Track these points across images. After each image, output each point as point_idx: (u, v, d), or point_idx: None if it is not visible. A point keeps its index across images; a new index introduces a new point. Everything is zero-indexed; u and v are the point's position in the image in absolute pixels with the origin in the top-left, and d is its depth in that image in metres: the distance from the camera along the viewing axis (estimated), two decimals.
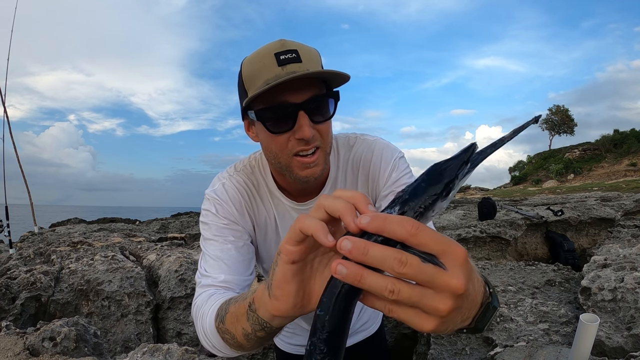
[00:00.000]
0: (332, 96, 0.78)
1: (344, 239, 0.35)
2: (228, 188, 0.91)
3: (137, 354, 1.22)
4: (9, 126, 4.37)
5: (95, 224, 6.15)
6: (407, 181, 0.88)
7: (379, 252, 0.34)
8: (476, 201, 6.22)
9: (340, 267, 0.35)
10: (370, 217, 0.35)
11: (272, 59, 0.73)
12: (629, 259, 1.98)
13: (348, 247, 0.34)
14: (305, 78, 0.73)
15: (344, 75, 0.75)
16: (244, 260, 0.85)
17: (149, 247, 3.19)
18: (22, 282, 2.13)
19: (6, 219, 3.72)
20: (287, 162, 0.79)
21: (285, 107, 0.74)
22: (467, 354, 1.73)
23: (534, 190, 29.31)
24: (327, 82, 0.78)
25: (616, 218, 4.18)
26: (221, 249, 0.85)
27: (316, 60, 0.77)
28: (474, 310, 0.43)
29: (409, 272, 0.34)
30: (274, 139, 0.77)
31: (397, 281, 0.35)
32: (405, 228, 0.34)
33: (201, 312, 0.73)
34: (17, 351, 1.32)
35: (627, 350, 1.41)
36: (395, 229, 0.34)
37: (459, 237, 3.68)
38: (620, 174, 33.94)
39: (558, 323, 1.69)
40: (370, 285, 0.35)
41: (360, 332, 1.32)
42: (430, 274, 0.34)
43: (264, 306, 0.51)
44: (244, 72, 0.77)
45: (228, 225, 0.87)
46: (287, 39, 0.77)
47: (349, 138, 0.95)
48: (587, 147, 43.43)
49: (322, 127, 0.77)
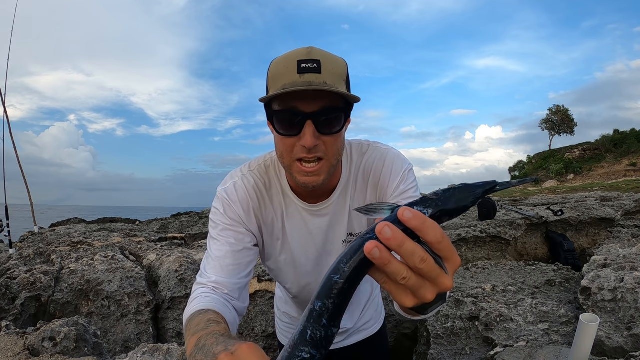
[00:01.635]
0: (345, 111, 0.80)
1: (385, 225, 0.39)
2: (238, 188, 0.94)
3: (137, 354, 1.22)
4: (9, 126, 4.37)
5: (95, 224, 6.15)
6: (412, 195, 0.92)
7: (411, 248, 0.40)
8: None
9: (375, 250, 0.39)
10: (413, 214, 0.40)
11: (294, 66, 0.76)
12: (629, 259, 1.98)
13: (388, 235, 0.39)
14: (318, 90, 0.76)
15: (354, 97, 0.78)
16: (239, 264, 0.90)
17: (149, 247, 3.19)
18: (22, 282, 2.13)
19: (6, 219, 3.72)
20: (289, 164, 0.83)
21: (295, 113, 0.77)
22: (467, 354, 1.73)
23: (534, 190, 29.30)
24: (345, 98, 0.80)
25: (616, 218, 4.18)
26: (220, 249, 0.89)
27: (339, 73, 0.79)
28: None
29: (424, 268, 0.41)
30: (282, 140, 0.81)
31: (410, 270, 0.41)
32: (436, 234, 0.40)
33: (188, 307, 0.80)
34: (17, 351, 1.32)
35: (627, 350, 1.41)
36: (429, 233, 0.40)
37: (459, 237, 3.68)
38: (620, 174, 33.94)
39: (558, 323, 1.69)
40: (392, 270, 0.41)
41: (362, 332, 1.32)
42: (437, 274, 0.42)
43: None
44: (270, 71, 0.81)
45: (232, 226, 0.92)
46: (315, 47, 0.80)
47: (362, 145, 0.99)
48: (587, 147, 43.41)
49: (328, 139, 0.80)
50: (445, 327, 1.86)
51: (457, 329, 1.82)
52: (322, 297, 0.42)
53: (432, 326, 1.90)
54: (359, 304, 1.26)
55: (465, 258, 3.67)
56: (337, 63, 0.80)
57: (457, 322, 1.85)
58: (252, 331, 2.58)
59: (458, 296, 2.00)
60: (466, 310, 1.87)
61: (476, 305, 1.87)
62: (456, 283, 2.27)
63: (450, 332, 1.84)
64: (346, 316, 1.26)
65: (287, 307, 1.33)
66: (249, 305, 2.62)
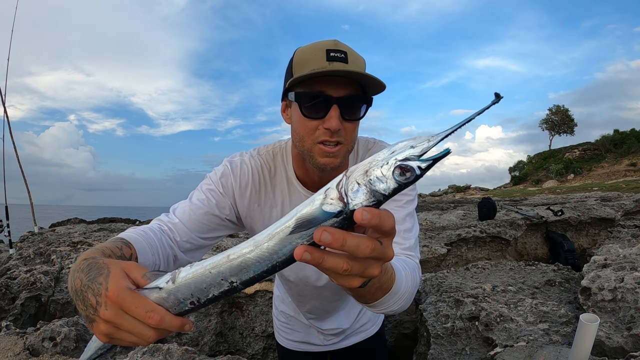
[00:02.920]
0: (366, 101, 0.84)
1: (323, 230, 0.40)
2: (243, 165, 0.97)
3: (137, 354, 1.22)
4: (9, 126, 4.37)
5: (95, 224, 6.14)
6: (405, 192, 0.93)
7: (355, 243, 0.40)
8: (476, 201, 6.22)
9: (306, 254, 0.40)
10: (371, 214, 0.40)
11: (323, 53, 0.79)
12: (629, 259, 1.98)
13: (328, 240, 0.39)
14: (346, 77, 0.80)
15: (380, 82, 0.81)
16: (208, 226, 0.92)
17: None
18: (22, 282, 2.13)
19: (6, 219, 3.72)
20: (310, 147, 0.85)
21: (322, 96, 0.80)
22: (467, 354, 1.73)
23: (534, 190, 29.30)
24: (365, 89, 0.83)
25: (616, 218, 4.18)
26: (201, 202, 0.92)
27: (362, 67, 0.83)
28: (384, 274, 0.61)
29: (375, 254, 0.42)
30: (305, 122, 0.83)
31: (350, 260, 0.42)
32: (391, 222, 0.42)
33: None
34: (17, 351, 1.32)
35: (627, 350, 1.41)
36: (385, 224, 0.41)
37: (459, 237, 3.67)
38: (620, 174, 33.91)
39: (558, 323, 1.69)
40: (331, 266, 0.42)
41: (360, 333, 1.32)
42: (383, 252, 0.43)
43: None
44: (295, 58, 0.84)
45: (222, 194, 0.94)
46: (340, 40, 0.84)
47: (368, 142, 1.02)
48: (587, 147, 43.38)
49: (349, 125, 0.84)
50: (445, 327, 1.86)
51: (457, 329, 1.82)
52: (238, 273, 0.44)
53: (432, 326, 1.90)
54: (355, 304, 1.26)
55: (465, 258, 3.67)
56: (359, 57, 0.84)
57: (457, 322, 1.84)
58: (252, 331, 2.58)
59: (458, 296, 2.00)
60: (466, 310, 1.87)
61: (476, 305, 1.87)
62: (456, 283, 2.28)
63: (450, 332, 1.84)
64: (343, 316, 1.26)
65: (284, 307, 1.33)
66: (249, 306, 2.63)
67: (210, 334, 2.42)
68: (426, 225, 4.18)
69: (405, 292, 0.72)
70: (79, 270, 0.54)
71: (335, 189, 0.42)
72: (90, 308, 0.49)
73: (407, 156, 0.40)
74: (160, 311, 0.46)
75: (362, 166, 0.42)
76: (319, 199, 0.43)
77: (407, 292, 0.72)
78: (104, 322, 0.48)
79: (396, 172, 0.40)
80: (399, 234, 0.87)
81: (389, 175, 0.40)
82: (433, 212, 5.09)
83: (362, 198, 0.41)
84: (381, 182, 0.41)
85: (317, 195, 0.43)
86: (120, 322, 0.47)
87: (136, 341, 0.48)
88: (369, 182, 0.41)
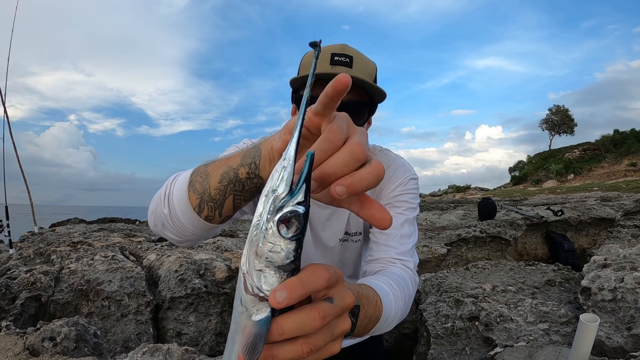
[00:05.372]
0: (369, 108, 0.83)
1: (275, 324, 0.35)
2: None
3: (137, 354, 1.22)
4: (9, 126, 4.37)
5: (95, 224, 6.14)
6: (407, 199, 0.92)
7: (295, 320, 0.34)
8: (476, 201, 6.22)
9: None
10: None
11: (327, 57, 0.79)
12: (629, 259, 1.98)
13: (277, 335, 0.34)
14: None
15: (381, 90, 0.79)
16: None
17: (149, 247, 3.19)
18: (22, 282, 2.13)
19: (6, 219, 3.72)
20: None
21: None
22: (467, 354, 1.73)
23: (534, 190, 29.28)
24: (371, 95, 0.82)
25: (616, 218, 4.18)
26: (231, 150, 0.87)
27: (369, 72, 0.82)
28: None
29: (330, 317, 0.36)
30: None
31: (308, 338, 0.36)
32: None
33: (176, 176, 0.72)
34: (17, 351, 1.32)
35: (627, 350, 1.41)
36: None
37: (459, 237, 3.67)
38: (620, 174, 33.91)
39: (558, 323, 1.69)
40: (288, 357, 0.35)
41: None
42: (338, 308, 0.37)
43: (270, 142, 0.51)
44: (303, 61, 0.85)
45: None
46: (349, 44, 0.82)
47: (375, 148, 1.01)
48: (587, 147, 43.37)
49: None
50: (445, 327, 1.86)
51: (457, 329, 1.82)
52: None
53: (432, 326, 1.90)
54: None
55: (465, 258, 3.67)
56: (368, 63, 0.83)
57: (457, 322, 1.85)
58: None
59: (458, 296, 2.00)
60: (466, 310, 1.87)
61: (476, 305, 1.87)
62: (456, 283, 2.28)
63: (450, 332, 1.84)
64: None
65: None
66: None
67: (210, 334, 2.42)
68: (426, 225, 4.18)
69: (397, 312, 0.70)
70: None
71: (248, 294, 0.36)
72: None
73: (278, 206, 0.34)
74: None
75: (249, 252, 0.36)
76: (244, 314, 0.36)
77: (399, 312, 0.71)
78: None
79: (282, 230, 0.34)
80: (396, 238, 0.86)
81: (278, 241, 0.34)
82: (433, 212, 5.09)
83: (274, 280, 0.35)
84: (278, 252, 0.34)
85: (238, 313, 0.37)
86: None
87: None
88: (268, 261, 0.35)
